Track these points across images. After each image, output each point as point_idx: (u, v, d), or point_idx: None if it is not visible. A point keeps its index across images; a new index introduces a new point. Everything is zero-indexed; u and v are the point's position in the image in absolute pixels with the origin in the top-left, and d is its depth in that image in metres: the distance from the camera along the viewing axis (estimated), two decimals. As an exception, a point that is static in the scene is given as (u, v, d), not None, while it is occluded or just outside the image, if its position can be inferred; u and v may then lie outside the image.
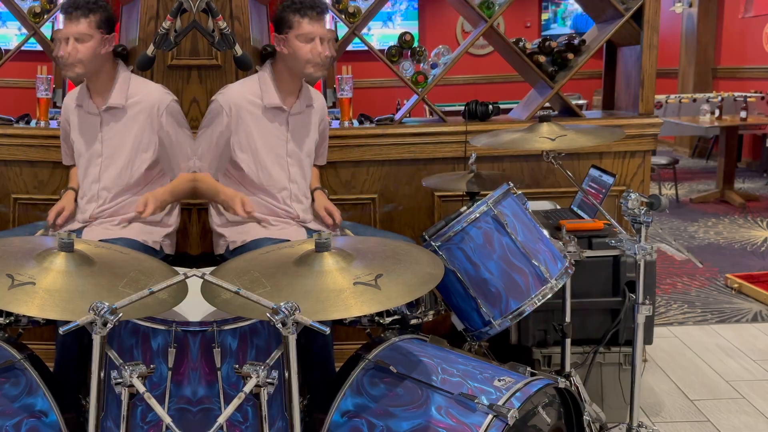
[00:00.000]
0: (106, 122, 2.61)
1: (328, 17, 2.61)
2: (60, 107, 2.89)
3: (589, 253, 2.59)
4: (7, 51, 3.21)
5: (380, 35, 10.16)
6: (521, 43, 3.42)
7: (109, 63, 2.60)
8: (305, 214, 2.74)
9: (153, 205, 2.46)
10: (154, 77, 2.94)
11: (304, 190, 2.74)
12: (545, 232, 2.31)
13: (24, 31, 3.25)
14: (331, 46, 2.62)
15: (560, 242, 2.34)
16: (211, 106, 2.66)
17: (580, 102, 8.85)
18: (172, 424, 1.53)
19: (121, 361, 1.60)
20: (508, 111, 3.72)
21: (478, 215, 2.20)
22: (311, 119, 2.76)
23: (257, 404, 1.66)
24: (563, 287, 2.42)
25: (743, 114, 7.08)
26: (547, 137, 2.41)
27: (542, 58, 3.41)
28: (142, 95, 2.62)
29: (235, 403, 1.54)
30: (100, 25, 2.50)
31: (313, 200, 2.80)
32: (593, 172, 2.92)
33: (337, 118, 3.43)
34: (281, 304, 1.50)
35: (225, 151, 2.64)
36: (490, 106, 3.34)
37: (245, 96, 2.64)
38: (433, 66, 3.44)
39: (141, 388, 1.57)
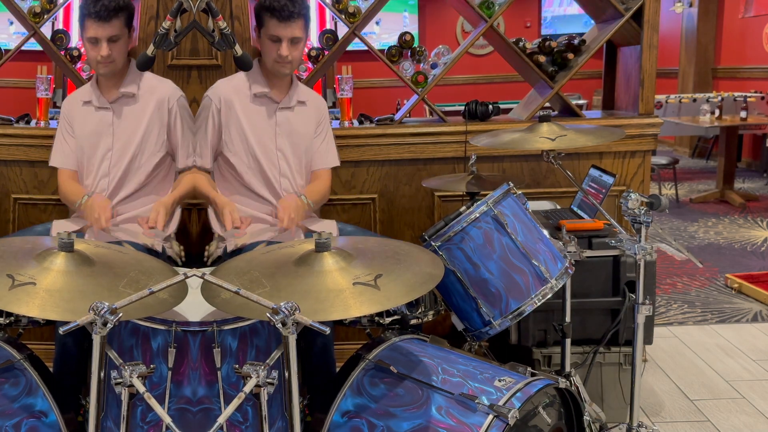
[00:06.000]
0: (117, 114, 2.65)
1: (300, 22, 2.55)
2: (60, 107, 2.89)
3: (589, 253, 2.59)
4: (7, 51, 3.21)
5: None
6: (521, 43, 3.42)
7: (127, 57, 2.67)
8: None
9: (164, 215, 2.51)
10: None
11: (296, 187, 2.72)
12: (545, 232, 2.31)
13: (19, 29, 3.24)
14: (300, 48, 2.62)
15: (560, 242, 2.34)
16: (203, 102, 2.71)
17: (580, 102, 8.84)
18: (172, 424, 1.53)
19: (121, 361, 1.60)
20: (508, 111, 3.72)
21: (478, 215, 2.20)
22: (304, 117, 2.74)
23: (257, 404, 1.65)
24: (563, 287, 2.42)
25: (743, 114, 7.08)
26: (547, 137, 2.41)
27: (542, 58, 3.41)
28: (155, 86, 2.68)
29: (235, 403, 1.54)
30: (127, 24, 2.55)
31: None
32: (593, 172, 2.92)
33: (337, 118, 3.42)
34: (281, 304, 1.50)
35: (221, 145, 2.68)
36: (490, 106, 3.34)
37: (234, 88, 2.69)
38: (433, 66, 3.44)
39: (141, 388, 1.57)
